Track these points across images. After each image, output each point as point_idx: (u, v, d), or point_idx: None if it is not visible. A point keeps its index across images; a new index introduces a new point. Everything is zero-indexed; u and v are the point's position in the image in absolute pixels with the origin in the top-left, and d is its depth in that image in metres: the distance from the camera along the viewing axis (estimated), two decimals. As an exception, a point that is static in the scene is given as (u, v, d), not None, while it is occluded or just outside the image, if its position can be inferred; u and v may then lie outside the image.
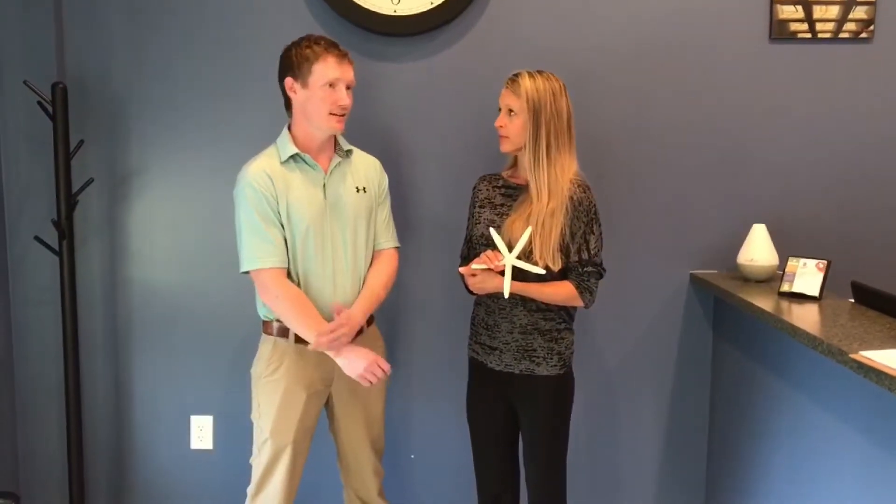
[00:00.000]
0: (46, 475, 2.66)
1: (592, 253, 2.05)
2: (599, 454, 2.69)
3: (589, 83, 2.53)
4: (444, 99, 2.55)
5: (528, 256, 1.98)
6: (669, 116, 2.56)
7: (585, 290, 2.05)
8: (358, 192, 2.10)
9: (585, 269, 2.05)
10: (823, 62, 2.54)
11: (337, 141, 2.11)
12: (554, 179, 2.00)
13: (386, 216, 2.18)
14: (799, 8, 2.52)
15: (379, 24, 2.48)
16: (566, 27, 2.53)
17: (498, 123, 2.06)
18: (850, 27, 2.52)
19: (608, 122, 2.56)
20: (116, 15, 2.52)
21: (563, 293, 2.04)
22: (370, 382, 1.99)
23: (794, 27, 2.53)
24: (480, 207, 2.14)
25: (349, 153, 2.13)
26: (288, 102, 2.06)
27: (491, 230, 2.01)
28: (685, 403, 2.67)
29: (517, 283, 1.98)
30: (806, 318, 1.98)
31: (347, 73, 2.03)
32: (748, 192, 2.58)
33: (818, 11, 2.52)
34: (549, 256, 1.99)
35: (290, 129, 2.08)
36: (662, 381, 2.66)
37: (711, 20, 2.53)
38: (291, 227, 2.01)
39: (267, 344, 2.10)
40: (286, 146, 2.04)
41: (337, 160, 2.09)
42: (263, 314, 2.10)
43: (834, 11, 2.52)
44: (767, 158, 2.57)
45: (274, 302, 2.00)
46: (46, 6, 2.50)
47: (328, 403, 2.15)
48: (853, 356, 1.59)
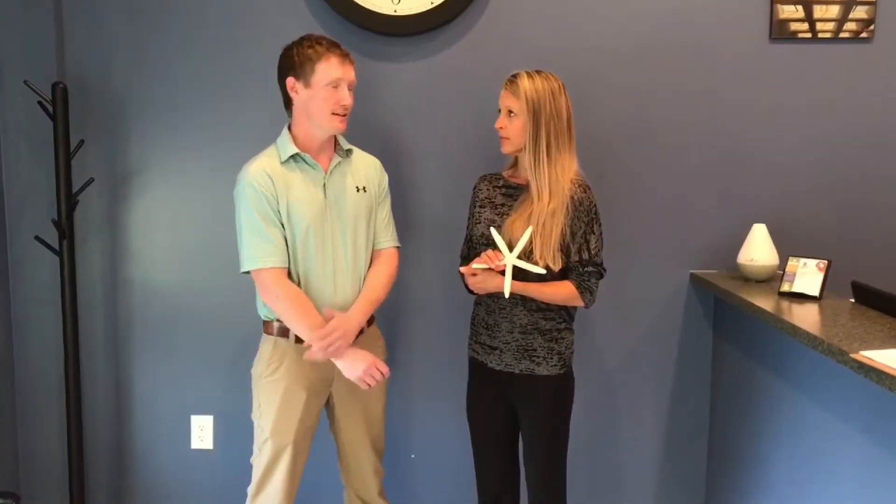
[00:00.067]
0: (47, 475, 2.66)
1: (593, 253, 2.05)
2: (599, 454, 2.69)
3: (589, 83, 2.53)
4: (444, 99, 2.55)
5: (528, 256, 1.98)
6: (670, 116, 2.56)
7: (586, 289, 2.05)
8: (358, 191, 2.10)
9: (586, 268, 2.05)
10: (824, 62, 2.54)
11: (337, 141, 2.11)
12: (555, 179, 2.00)
13: (386, 215, 2.18)
14: (799, 8, 2.51)
15: (379, 23, 2.48)
16: (566, 27, 2.53)
17: (498, 125, 2.06)
18: (850, 27, 2.52)
19: (608, 122, 2.55)
20: (116, 15, 2.52)
21: (563, 293, 2.04)
22: (368, 385, 2.00)
23: (794, 27, 2.53)
24: (481, 207, 2.14)
25: (349, 153, 2.13)
26: (288, 102, 2.06)
27: (491, 230, 2.01)
28: (685, 403, 2.67)
29: (517, 282, 1.98)
30: (806, 317, 1.98)
31: (349, 72, 2.03)
32: (748, 191, 2.58)
33: (818, 11, 2.52)
34: (549, 256, 1.99)
35: (289, 128, 2.08)
36: (662, 381, 2.66)
37: (711, 20, 2.53)
38: (292, 226, 2.01)
39: (267, 344, 2.10)
40: (286, 146, 2.03)
41: (337, 160, 2.09)
42: (264, 314, 2.10)
43: (834, 11, 2.52)
44: (768, 158, 2.57)
45: (274, 302, 2.00)
46: (46, 6, 2.50)
47: (328, 403, 2.16)
48: (853, 356, 1.59)
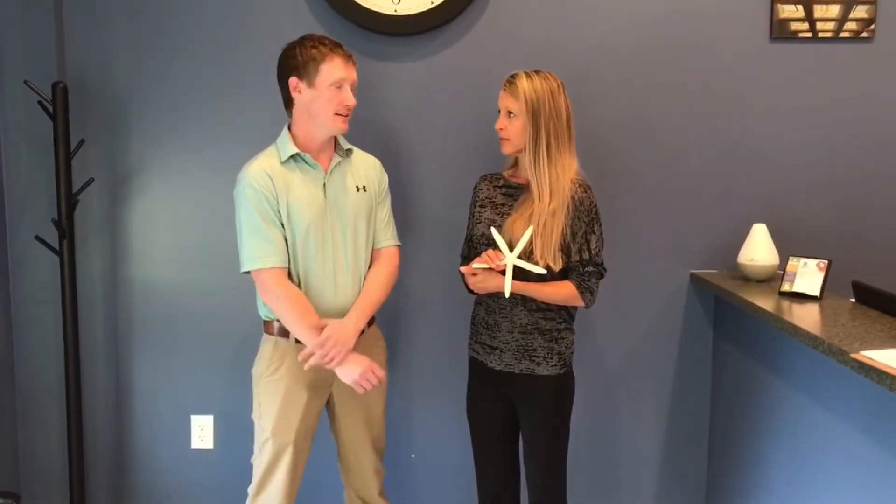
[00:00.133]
0: (47, 475, 2.66)
1: (593, 253, 2.05)
2: (599, 454, 2.69)
3: (589, 83, 2.53)
4: (444, 98, 2.55)
5: (528, 256, 1.98)
6: (670, 116, 2.56)
7: (586, 289, 2.05)
8: (358, 191, 2.10)
9: (586, 268, 2.05)
10: (824, 61, 2.54)
11: (337, 140, 2.11)
12: (555, 179, 2.00)
13: (386, 215, 2.18)
14: (799, 7, 2.51)
15: (379, 23, 2.48)
16: (566, 27, 2.53)
17: (498, 126, 2.05)
18: (850, 26, 2.52)
19: (608, 121, 2.55)
20: (117, 15, 2.52)
21: (563, 293, 2.04)
22: (364, 389, 2.00)
23: (794, 26, 2.53)
24: (481, 207, 2.14)
25: (349, 152, 2.13)
26: (288, 102, 2.05)
27: (492, 229, 2.01)
28: (685, 403, 2.67)
29: (518, 282, 1.98)
30: (806, 317, 1.98)
31: (352, 73, 2.03)
32: (748, 191, 2.58)
33: (819, 11, 2.51)
34: (550, 256, 1.98)
35: (289, 128, 2.08)
36: (663, 380, 2.66)
37: (712, 20, 2.53)
38: (292, 226, 2.01)
39: (268, 344, 2.10)
40: (286, 146, 2.03)
41: (337, 159, 2.09)
42: (264, 314, 2.10)
43: (835, 11, 2.51)
44: (768, 157, 2.57)
45: (274, 302, 2.00)
46: (46, 6, 2.50)
47: (329, 403, 2.15)
48: (854, 356, 1.58)
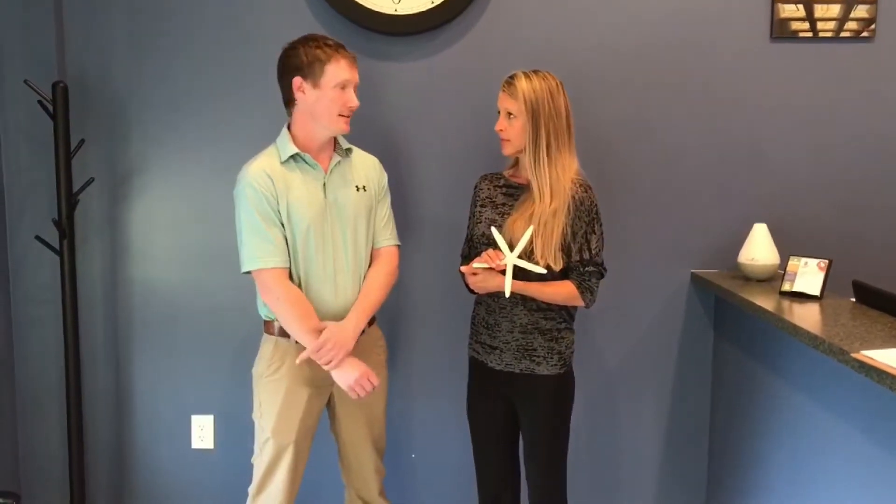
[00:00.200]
0: (47, 474, 2.66)
1: (594, 253, 2.05)
2: (600, 454, 2.69)
3: (589, 83, 2.53)
4: (444, 98, 2.55)
5: (529, 256, 1.98)
6: (670, 116, 2.56)
7: (586, 289, 2.05)
8: (358, 190, 2.09)
9: (586, 268, 2.05)
10: (824, 61, 2.54)
11: (336, 140, 2.11)
12: (556, 179, 2.00)
13: (385, 214, 2.18)
14: (800, 7, 2.51)
15: (380, 23, 2.48)
16: (566, 26, 2.53)
17: (498, 127, 2.05)
18: (851, 26, 2.52)
19: (609, 121, 2.55)
20: (117, 15, 2.52)
21: (563, 293, 2.04)
22: (358, 395, 2.00)
23: (795, 26, 2.52)
24: (482, 206, 2.14)
25: (349, 152, 2.13)
26: (289, 101, 2.04)
27: (492, 229, 2.01)
28: (686, 403, 2.66)
29: (518, 282, 1.98)
30: (807, 317, 1.98)
31: (356, 74, 2.03)
32: (749, 191, 2.58)
33: (819, 10, 2.51)
34: (550, 256, 1.98)
35: (289, 128, 2.07)
36: (663, 380, 2.66)
37: (712, 19, 2.52)
38: (292, 227, 2.01)
39: (268, 344, 2.10)
40: (286, 146, 2.03)
41: (337, 159, 2.09)
42: (264, 314, 2.10)
43: (835, 10, 2.51)
44: (768, 157, 2.57)
45: (275, 303, 1.99)
46: (46, 6, 2.50)
47: (329, 403, 2.15)
48: (854, 355, 1.58)
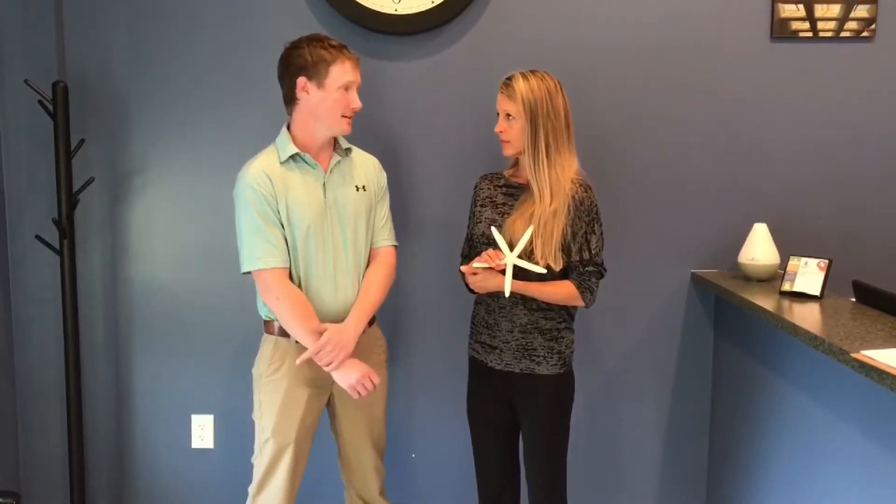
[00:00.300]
0: (47, 474, 2.66)
1: (593, 252, 2.05)
2: (600, 454, 2.69)
3: (590, 82, 2.52)
4: (444, 98, 2.55)
5: (529, 256, 1.98)
6: (670, 115, 2.56)
7: (586, 289, 2.05)
8: (358, 190, 2.09)
9: (586, 268, 2.05)
10: (825, 61, 2.54)
11: (336, 140, 2.11)
12: (555, 180, 2.00)
13: (384, 214, 2.18)
14: (800, 6, 2.51)
15: (380, 22, 2.48)
16: (567, 26, 2.53)
17: (498, 129, 2.05)
18: (851, 26, 2.52)
19: (608, 121, 2.55)
20: (117, 14, 2.51)
21: (563, 293, 2.04)
22: (359, 395, 2.00)
23: (795, 26, 2.52)
24: (482, 206, 2.13)
25: (348, 151, 2.13)
26: (290, 100, 2.04)
27: (492, 229, 2.01)
28: (686, 403, 2.66)
29: (518, 282, 1.98)
30: (807, 317, 1.98)
31: (359, 76, 2.04)
32: (749, 190, 2.58)
33: (819, 10, 2.51)
34: (550, 256, 1.98)
35: (288, 128, 2.07)
36: (663, 380, 2.66)
37: (712, 19, 2.52)
38: (292, 226, 2.01)
39: (268, 343, 2.10)
40: (286, 146, 2.03)
41: (336, 159, 2.09)
42: (265, 314, 2.10)
43: (835, 10, 2.51)
44: (768, 157, 2.57)
45: (275, 303, 1.99)
46: (46, 6, 2.49)
47: (329, 402, 2.15)
48: (855, 355, 1.58)
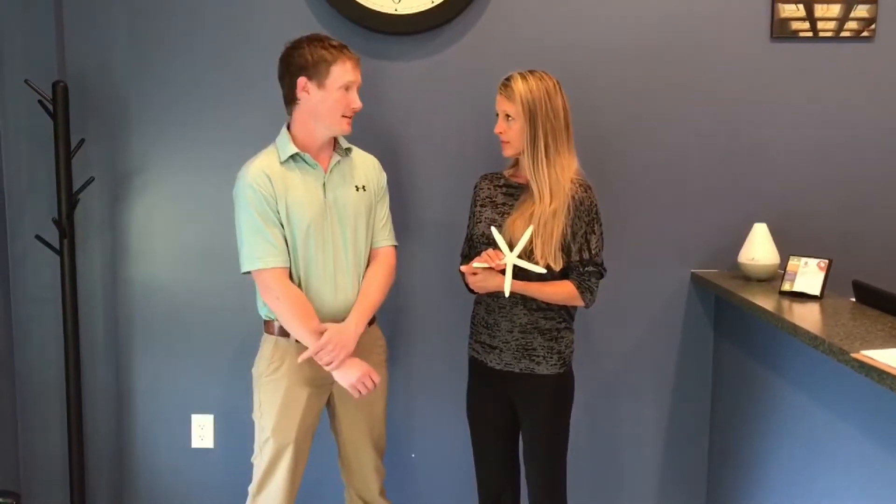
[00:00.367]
0: (47, 474, 2.66)
1: (593, 253, 2.05)
2: (600, 454, 2.69)
3: (590, 82, 2.52)
4: (444, 98, 2.55)
5: (529, 256, 1.98)
6: (670, 115, 2.56)
7: (586, 289, 2.05)
8: (358, 190, 2.09)
9: (586, 268, 2.05)
10: (825, 61, 2.54)
11: (336, 139, 2.11)
12: (555, 180, 2.00)
13: (384, 214, 2.18)
14: (800, 6, 2.51)
15: (380, 22, 2.48)
16: (567, 26, 2.53)
17: (497, 130, 2.05)
18: (851, 26, 2.52)
19: (609, 121, 2.55)
20: (117, 14, 2.51)
21: (563, 292, 2.04)
22: (360, 394, 2.00)
23: (795, 26, 2.52)
24: (482, 206, 2.13)
25: (348, 151, 2.13)
26: (290, 100, 2.04)
27: (492, 229, 2.01)
28: (686, 403, 2.66)
29: (518, 282, 1.98)
30: (807, 317, 1.98)
31: (359, 76, 2.04)
32: (749, 190, 2.58)
33: (819, 10, 2.51)
34: (550, 256, 1.98)
35: (288, 127, 2.07)
36: (663, 380, 2.66)
37: (712, 19, 2.52)
38: (292, 226, 2.01)
39: (268, 343, 2.10)
40: (286, 146, 2.03)
41: (336, 158, 2.09)
42: (264, 314, 2.10)
43: (835, 10, 2.51)
44: (768, 157, 2.57)
45: (275, 303, 1.99)
46: (46, 6, 2.49)
47: (329, 402, 2.15)
48: (855, 355, 1.58)
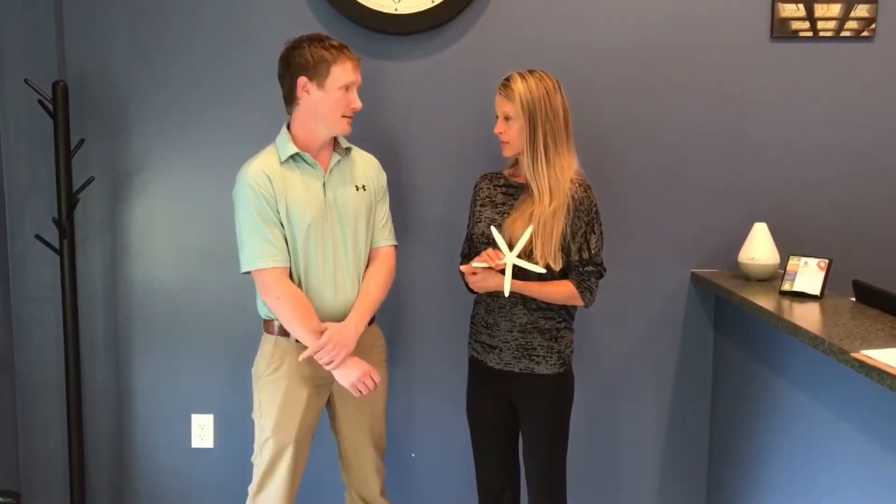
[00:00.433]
0: (47, 474, 2.66)
1: (593, 252, 2.05)
2: (600, 454, 2.69)
3: (589, 82, 2.52)
4: (444, 97, 2.55)
5: (528, 255, 1.98)
6: (670, 115, 2.56)
7: (586, 289, 2.05)
8: (358, 190, 2.09)
9: (586, 268, 2.05)
10: (825, 61, 2.53)
11: (336, 139, 2.11)
12: (555, 180, 2.00)
13: (384, 214, 2.18)
14: (800, 6, 2.51)
15: (380, 22, 2.48)
16: (567, 26, 2.53)
17: (497, 130, 2.05)
18: (851, 25, 2.52)
19: (609, 121, 2.55)
20: (117, 14, 2.51)
21: (563, 292, 2.04)
22: (360, 393, 2.00)
23: (795, 25, 2.52)
24: (481, 206, 2.13)
25: (348, 151, 2.13)
26: (290, 100, 2.04)
27: (492, 229, 2.01)
28: (686, 403, 2.66)
29: (518, 281, 1.98)
30: (807, 316, 1.98)
31: (359, 76, 2.04)
32: (749, 190, 2.58)
33: (819, 10, 2.51)
34: (550, 256, 1.98)
35: (288, 127, 2.07)
36: (663, 380, 2.66)
37: (712, 19, 2.52)
38: (292, 226, 2.01)
39: (268, 343, 2.10)
40: (286, 146, 2.03)
41: (336, 158, 2.09)
42: (264, 313, 2.10)
43: (835, 10, 2.51)
44: (769, 157, 2.57)
45: (275, 303, 1.99)
46: (46, 6, 2.49)
47: (329, 402, 2.15)
48: (855, 355, 1.58)
